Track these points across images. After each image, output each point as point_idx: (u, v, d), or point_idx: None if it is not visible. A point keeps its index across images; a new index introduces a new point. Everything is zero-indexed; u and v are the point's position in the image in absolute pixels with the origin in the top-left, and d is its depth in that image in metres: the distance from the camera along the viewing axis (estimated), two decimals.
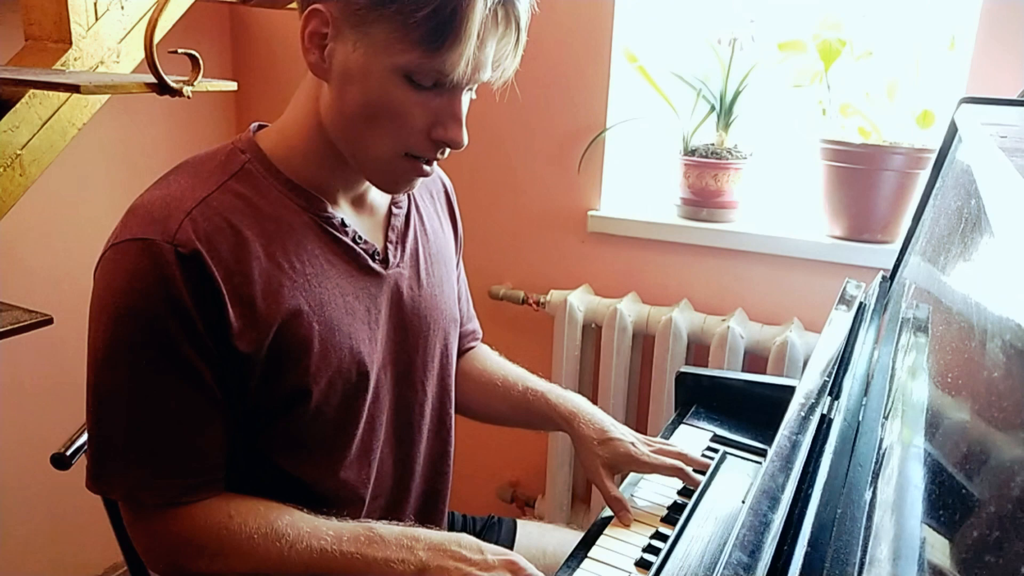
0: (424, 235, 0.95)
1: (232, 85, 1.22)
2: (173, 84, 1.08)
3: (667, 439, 1.11)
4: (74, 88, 1.00)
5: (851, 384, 0.79)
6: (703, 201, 1.59)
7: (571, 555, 0.88)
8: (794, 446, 0.70)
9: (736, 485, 0.99)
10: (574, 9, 1.60)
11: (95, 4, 1.19)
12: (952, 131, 0.95)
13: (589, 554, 0.88)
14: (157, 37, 1.07)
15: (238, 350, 0.76)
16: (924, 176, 1.15)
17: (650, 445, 1.02)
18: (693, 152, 1.59)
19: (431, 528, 0.82)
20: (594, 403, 1.06)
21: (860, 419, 0.74)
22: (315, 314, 0.80)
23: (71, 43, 1.16)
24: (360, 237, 0.86)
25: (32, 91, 1.12)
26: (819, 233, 1.52)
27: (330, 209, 0.84)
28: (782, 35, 1.52)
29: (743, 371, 1.50)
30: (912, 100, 1.44)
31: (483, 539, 0.81)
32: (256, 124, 0.86)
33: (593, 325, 1.68)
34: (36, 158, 1.16)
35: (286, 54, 1.93)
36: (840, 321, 0.99)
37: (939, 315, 0.62)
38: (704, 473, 1.00)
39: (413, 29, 0.71)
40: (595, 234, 1.68)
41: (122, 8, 1.23)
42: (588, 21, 1.60)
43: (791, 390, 0.82)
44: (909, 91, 1.44)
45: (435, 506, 1.00)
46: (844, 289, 1.12)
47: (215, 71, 1.93)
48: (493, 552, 0.79)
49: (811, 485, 0.62)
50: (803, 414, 0.75)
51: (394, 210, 0.92)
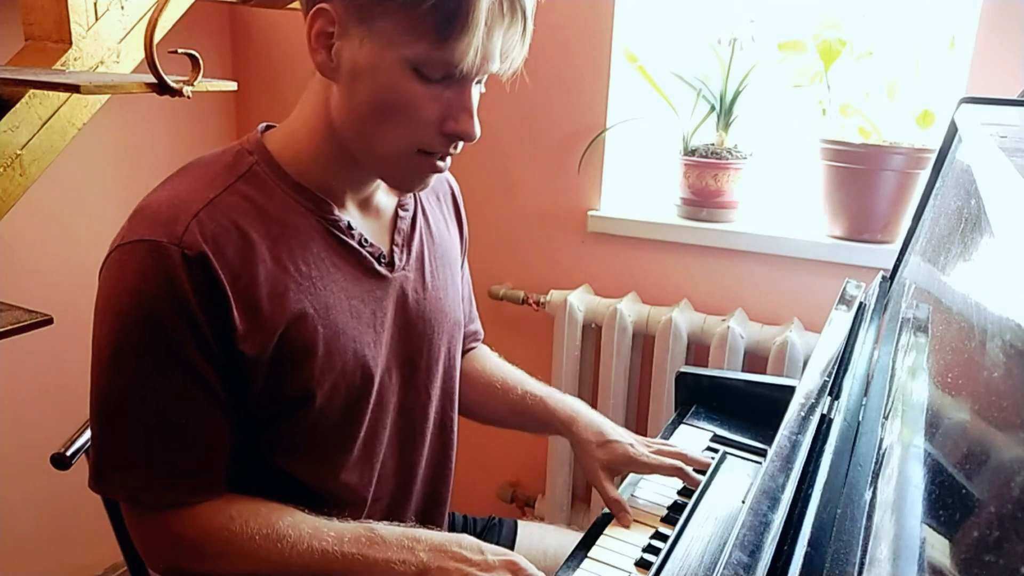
0: (430, 238, 0.95)
1: (232, 85, 1.22)
2: (173, 84, 1.08)
3: (667, 439, 1.12)
4: (74, 88, 1.00)
5: (851, 384, 0.79)
6: (703, 201, 1.59)
7: (571, 555, 0.88)
8: (794, 446, 0.70)
9: (736, 485, 1.00)
10: (574, 9, 1.60)
11: (95, 4, 1.19)
12: (952, 131, 0.95)
13: (589, 554, 0.88)
14: (157, 37, 1.07)
15: (243, 353, 0.76)
16: (924, 176, 1.15)
17: (649, 446, 1.02)
18: (693, 152, 1.59)
19: (432, 529, 0.82)
20: (594, 403, 1.07)
21: (860, 419, 0.74)
22: (320, 317, 0.80)
23: (71, 43, 1.16)
24: (366, 240, 0.86)
25: (32, 91, 1.12)
26: (819, 233, 1.52)
27: (337, 212, 0.83)
28: (782, 35, 1.52)
29: (743, 371, 1.50)
30: (912, 100, 1.44)
31: (484, 540, 0.81)
32: (264, 125, 0.86)
33: (593, 325, 1.68)
34: (36, 158, 1.16)
35: (286, 54, 1.93)
36: (840, 321, 0.99)
37: (939, 315, 0.62)
38: (704, 473, 1.00)
39: (419, 20, 0.71)
40: (595, 234, 1.68)
41: (122, 8, 1.23)
42: (588, 21, 1.60)
43: (791, 390, 0.82)
44: (909, 91, 1.44)
45: (436, 508, 1.00)
46: (844, 289, 1.12)
47: (215, 71, 1.93)
48: (493, 552, 0.80)
49: (811, 485, 0.62)
50: (803, 414, 0.75)
51: (400, 213, 0.92)
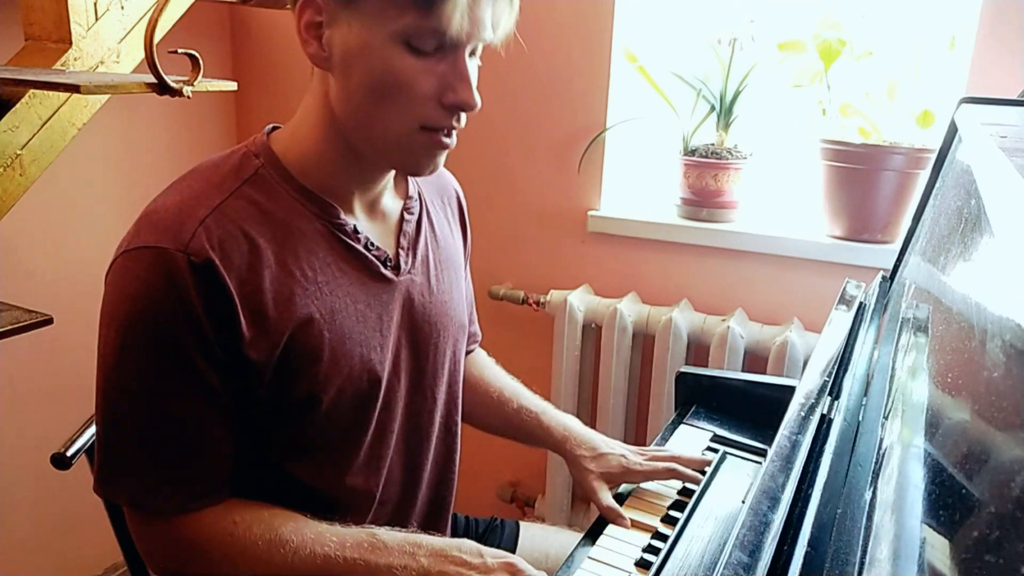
0: (435, 241, 0.95)
1: (232, 85, 1.22)
2: (173, 84, 1.08)
3: (667, 439, 1.12)
4: (74, 88, 1.00)
5: (851, 384, 0.80)
6: (703, 201, 1.59)
7: (571, 555, 0.88)
8: (794, 446, 0.70)
9: (736, 485, 1.00)
10: (574, 9, 1.60)
11: (95, 4, 1.19)
12: (952, 131, 0.95)
13: (589, 554, 0.88)
14: (157, 37, 1.07)
15: (249, 358, 0.76)
16: (924, 176, 1.15)
17: (643, 454, 1.03)
18: (693, 152, 1.59)
19: (434, 534, 0.83)
20: (594, 403, 1.07)
21: (860, 419, 0.74)
22: (326, 322, 0.80)
23: (71, 43, 1.16)
24: (372, 244, 0.85)
25: (32, 91, 1.12)
26: (819, 233, 1.52)
27: (343, 216, 0.83)
28: (782, 35, 1.52)
29: (743, 371, 1.50)
30: (912, 100, 1.44)
31: (486, 541, 0.82)
32: (270, 126, 0.85)
33: (593, 325, 1.68)
34: (36, 158, 1.16)
35: (286, 54, 1.93)
36: (840, 321, 0.99)
37: (939, 315, 0.62)
38: (702, 471, 1.00)
39: None
40: (595, 234, 1.68)
41: (122, 8, 1.23)
42: (588, 21, 1.60)
43: (791, 390, 0.82)
44: (909, 91, 1.44)
45: (440, 511, 1.00)
46: (844, 289, 1.12)
47: (215, 71, 1.93)
48: (492, 555, 0.80)
49: (811, 485, 0.62)
50: (803, 414, 0.75)
51: (406, 216, 0.91)
